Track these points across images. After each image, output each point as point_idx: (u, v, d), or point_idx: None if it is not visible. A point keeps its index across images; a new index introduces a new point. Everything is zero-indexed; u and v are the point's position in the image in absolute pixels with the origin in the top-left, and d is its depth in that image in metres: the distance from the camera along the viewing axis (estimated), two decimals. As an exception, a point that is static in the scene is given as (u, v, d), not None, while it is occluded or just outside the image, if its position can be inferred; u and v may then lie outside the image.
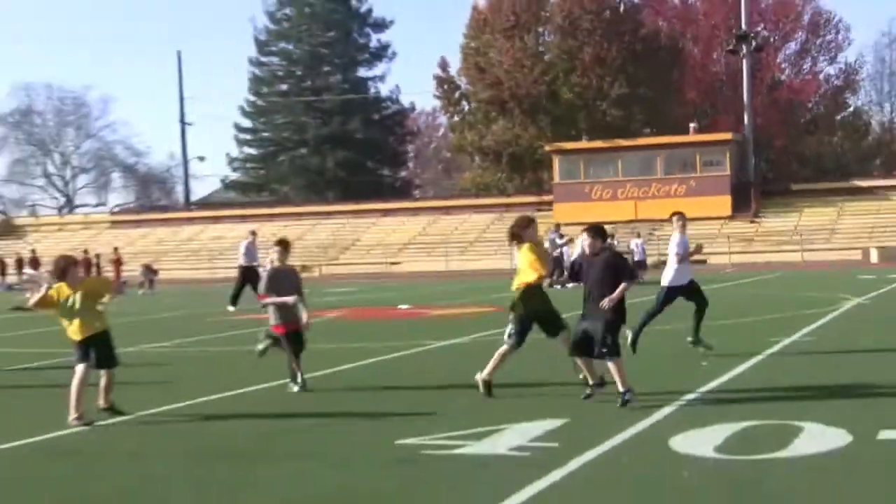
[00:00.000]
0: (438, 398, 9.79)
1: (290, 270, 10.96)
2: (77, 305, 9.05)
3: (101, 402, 9.13)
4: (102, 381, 9.07)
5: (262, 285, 10.89)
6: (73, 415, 8.84)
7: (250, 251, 26.70)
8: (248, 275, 25.40)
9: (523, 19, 64.87)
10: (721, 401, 9.14)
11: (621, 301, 8.76)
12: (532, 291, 9.23)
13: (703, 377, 10.32)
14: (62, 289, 9.15)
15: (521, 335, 9.26)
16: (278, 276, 10.64)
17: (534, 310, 9.27)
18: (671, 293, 12.51)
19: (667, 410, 8.57)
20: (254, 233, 28.53)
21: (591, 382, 8.93)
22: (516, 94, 63.51)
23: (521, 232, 9.46)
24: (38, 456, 7.92)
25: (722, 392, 9.55)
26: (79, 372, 9.02)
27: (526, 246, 9.32)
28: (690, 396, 9.28)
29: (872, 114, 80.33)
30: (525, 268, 9.24)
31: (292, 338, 10.37)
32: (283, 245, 10.99)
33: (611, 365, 8.69)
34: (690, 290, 12.52)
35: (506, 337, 9.52)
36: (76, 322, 9.05)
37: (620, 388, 8.61)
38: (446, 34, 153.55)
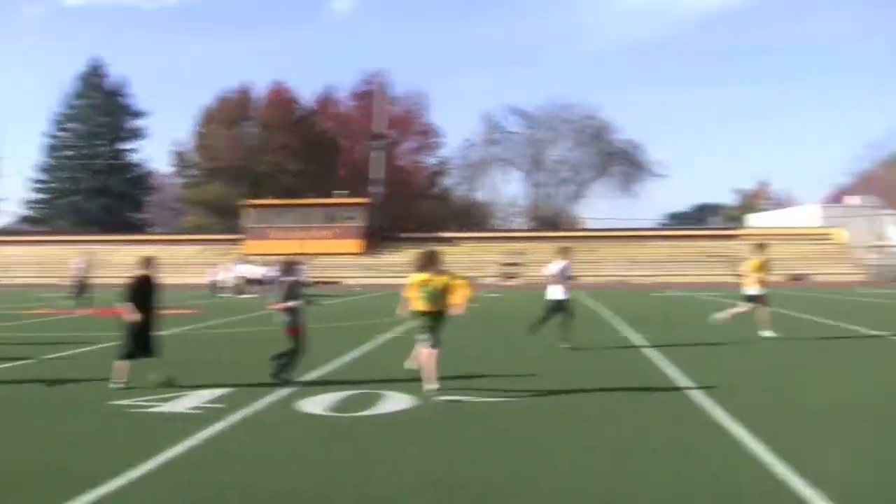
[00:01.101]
0: (136, 377, 9.78)
1: None
2: None
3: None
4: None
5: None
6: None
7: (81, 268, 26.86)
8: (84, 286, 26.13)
9: (236, 116, 79.35)
10: (335, 377, 10.32)
11: None
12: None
13: (325, 360, 11.53)
14: None
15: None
16: None
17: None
18: (555, 304, 13.39)
19: (299, 384, 9.67)
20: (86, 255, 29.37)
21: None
22: (228, 165, 76.00)
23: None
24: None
25: (337, 371, 10.90)
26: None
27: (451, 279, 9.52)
28: (315, 374, 10.47)
29: (455, 190, 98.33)
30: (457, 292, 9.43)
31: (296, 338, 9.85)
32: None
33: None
34: (563, 304, 13.36)
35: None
36: None
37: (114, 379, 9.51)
38: (183, 122, 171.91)
